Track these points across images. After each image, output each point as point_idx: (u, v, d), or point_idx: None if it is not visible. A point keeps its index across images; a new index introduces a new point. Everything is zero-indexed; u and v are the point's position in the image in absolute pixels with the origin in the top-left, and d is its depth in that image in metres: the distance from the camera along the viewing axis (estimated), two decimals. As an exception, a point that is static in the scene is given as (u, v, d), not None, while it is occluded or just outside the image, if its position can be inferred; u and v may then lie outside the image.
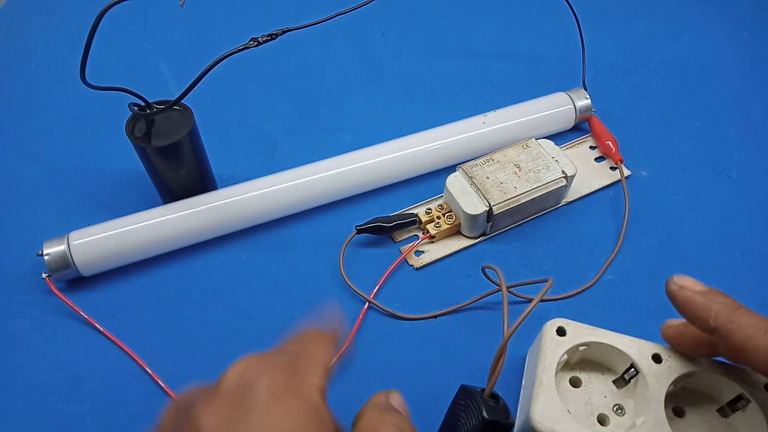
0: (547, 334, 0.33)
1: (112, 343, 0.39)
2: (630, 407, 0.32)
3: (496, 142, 0.49)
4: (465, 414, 0.29)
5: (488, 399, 0.28)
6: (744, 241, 0.45)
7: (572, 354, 0.33)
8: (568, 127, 0.53)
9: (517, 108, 0.50)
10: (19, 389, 0.38)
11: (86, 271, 0.41)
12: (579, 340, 0.32)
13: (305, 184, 0.45)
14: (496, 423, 0.27)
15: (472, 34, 0.62)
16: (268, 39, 0.36)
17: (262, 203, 0.44)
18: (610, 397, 0.33)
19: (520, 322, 0.28)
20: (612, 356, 0.33)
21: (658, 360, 0.31)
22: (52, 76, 0.57)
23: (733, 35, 0.63)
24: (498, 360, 0.28)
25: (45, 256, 0.40)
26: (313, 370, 0.23)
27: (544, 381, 0.31)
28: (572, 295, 0.42)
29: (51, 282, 0.40)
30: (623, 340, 0.32)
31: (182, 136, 0.40)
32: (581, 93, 0.52)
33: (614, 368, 0.33)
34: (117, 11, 0.32)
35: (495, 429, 0.27)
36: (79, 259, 0.40)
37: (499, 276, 0.30)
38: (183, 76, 0.56)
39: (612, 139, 0.50)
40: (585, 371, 0.34)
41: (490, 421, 0.27)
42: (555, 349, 0.32)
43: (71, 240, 0.41)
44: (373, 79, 0.58)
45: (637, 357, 0.31)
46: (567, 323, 0.33)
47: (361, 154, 0.47)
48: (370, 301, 0.41)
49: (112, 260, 0.42)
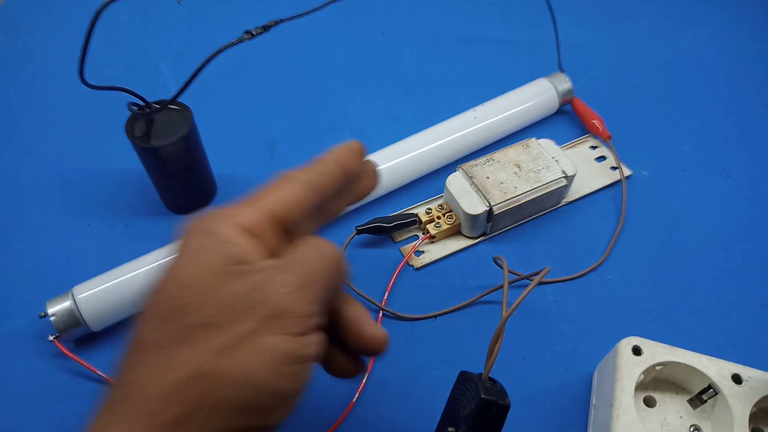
0: (622, 353, 0.32)
1: None
2: (708, 428, 0.32)
3: (488, 136, 0.50)
4: (464, 397, 0.29)
5: (486, 381, 0.28)
6: (744, 241, 0.45)
7: (648, 373, 0.32)
8: (553, 111, 0.53)
9: (504, 99, 0.51)
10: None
11: (96, 326, 0.38)
12: (656, 359, 0.32)
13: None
14: (492, 403, 0.27)
15: (467, 28, 0.63)
16: (262, 31, 0.36)
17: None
18: (686, 417, 0.32)
19: (517, 305, 0.28)
20: (688, 375, 0.32)
21: (738, 381, 0.31)
22: (52, 76, 0.57)
23: (734, 35, 0.63)
24: (495, 343, 0.28)
25: (51, 317, 0.37)
26: (238, 210, 0.24)
27: (624, 403, 0.30)
28: (575, 277, 0.42)
29: (60, 344, 0.37)
30: (701, 359, 0.32)
31: (182, 135, 0.40)
32: (561, 77, 0.52)
33: (689, 388, 0.33)
34: (117, 11, 0.32)
35: (491, 409, 0.28)
36: (88, 314, 0.37)
37: (503, 262, 0.31)
38: (182, 75, 0.55)
39: (597, 118, 0.51)
40: (659, 391, 0.33)
41: (485, 400, 0.27)
42: (632, 370, 0.31)
43: (76, 294, 0.38)
44: (373, 79, 0.58)
45: (716, 377, 0.31)
46: (642, 342, 0.32)
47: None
48: (368, 299, 0.41)
49: (123, 309, 0.39)
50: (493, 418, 0.28)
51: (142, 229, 0.45)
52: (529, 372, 0.38)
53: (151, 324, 0.22)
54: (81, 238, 0.45)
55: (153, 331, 0.22)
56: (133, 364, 0.22)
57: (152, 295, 0.23)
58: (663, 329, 0.40)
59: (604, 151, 0.51)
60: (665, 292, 0.42)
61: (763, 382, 0.30)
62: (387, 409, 0.37)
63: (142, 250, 0.40)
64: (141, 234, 0.45)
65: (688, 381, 0.33)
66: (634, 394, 0.31)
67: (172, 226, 0.46)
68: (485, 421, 0.28)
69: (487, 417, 0.28)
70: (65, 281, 0.41)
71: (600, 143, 0.51)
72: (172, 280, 0.22)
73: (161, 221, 0.46)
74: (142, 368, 0.21)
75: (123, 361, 0.22)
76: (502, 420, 0.28)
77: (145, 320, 0.22)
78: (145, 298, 0.23)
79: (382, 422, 0.36)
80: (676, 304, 0.42)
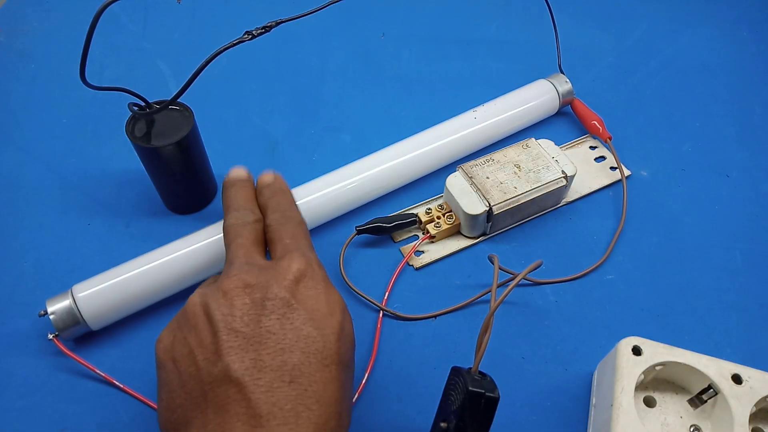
0: (622, 353, 0.32)
1: (139, 402, 0.37)
2: (708, 428, 0.32)
3: (489, 137, 0.50)
4: (454, 391, 0.29)
5: (474, 374, 0.28)
6: (744, 241, 0.45)
7: (648, 373, 0.32)
8: (553, 113, 0.53)
9: (505, 100, 0.51)
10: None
11: (96, 325, 0.38)
12: (656, 359, 0.32)
13: (308, 203, 0.43)
14: (480, 395, 0.28)
15: (467, 28, 0.63)
16: (262, 31, 0.36)
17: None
18: (686, 417, 0.32)
19: (505, 296, 0.29)
20: (688, 375, 0.32)
21: (738, 381, 0.31)
22: (52, 76, 0.57)
23: (733, 35, 0.63)
24: (483, 335, 0.28)
25: (50, 316, 0.37)
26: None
27: (624, 402, 0.30)
28: (575, 277, 0.42)
29: (60, 343, 0.37)
30: (701, 359, 0.32)
31: (182, 136, 0.40)
32: (561, 78, 0.53)
33: (689, 387, 0.33)
34: (117, 11, 0.32)
35: (479, 401, 0.28)
36: (87, 313, 0.37)
37: (494, 259, 0.32)
38: (183, 75, 0.56)
39: (597, 119, 0.51)
40: (659, 390, 0.33)
41: (473, 392, 0.27)
42: (632, 369, 0.31)
43: (76, 293, 0.38)
44: (373, 79, 0.58)
45: (716, 377, 0.31)
46: (642, 342, 0.32)
47: (359, 165, 0.46)
48: (368, 299, 0.41)
49: (123, 308, 0.39)
50: (482, 410, 0.28)
51: (142, 229, 0.46)
52: (529, 372, 0.38)
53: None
54: (81, 238, 0.45)
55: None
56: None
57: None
58: (663, 329, 0.40)
59: (604, 151, 0.51)
60: (665, 291, 0.42)
61: (763, 382, 0.30)
62: (387, 409, 0.37)
63: (142, 250, 0.40)
64: (141, 234, 0.45)
65: (688, 381, 0.33)
66: (634, 394, 0.31)
67: (172, 226, 0.46)
68: (474, 414, 0.28)
69: (476, 409, 0.28)
70: (66, 281, 0.41)
71: (599, 143, 0.51)
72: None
73: (162, 221, 0.46)
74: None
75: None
76: (492, 412, 0.28)
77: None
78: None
79: (382, 422, 0.36)
80: (676, 304, 0.42)
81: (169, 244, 0.41)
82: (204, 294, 0.30)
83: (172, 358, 0.29)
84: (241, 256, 0.32)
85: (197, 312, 0.29)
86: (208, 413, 0.27)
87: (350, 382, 0.30)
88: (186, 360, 0.28)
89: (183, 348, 0.29)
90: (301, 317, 0.29)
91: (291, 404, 0.26)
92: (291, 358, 0.27)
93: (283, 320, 0.28)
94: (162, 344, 0.30)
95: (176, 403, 0.28)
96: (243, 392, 0.26)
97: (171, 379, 0.29)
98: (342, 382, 0.28)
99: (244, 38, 0.36)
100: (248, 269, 0.31)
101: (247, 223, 0.35)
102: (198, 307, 0.30)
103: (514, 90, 0.52)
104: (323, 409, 0.27)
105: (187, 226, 0.44)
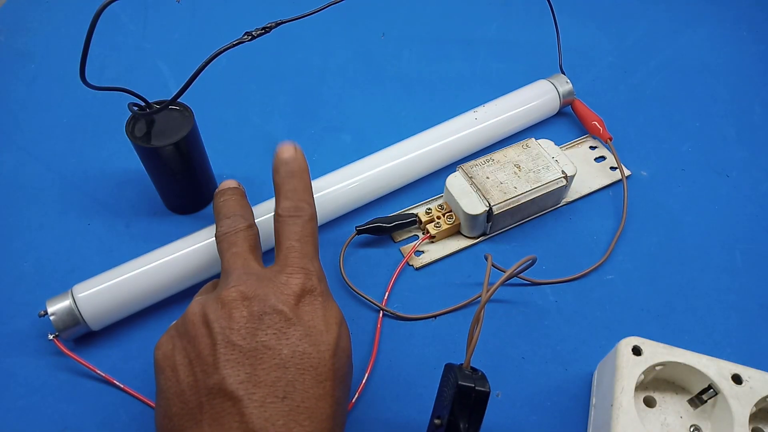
0: (622, 353, 0.32)
1: (139, 402, 0.37)
2: (708, 428, 0.32)
3: (489, 137, 0.50)
4: (447, 387, 0.29)
5: (465, 369, 0.29)
6: (744, 241, 0.45)
7: (647, 373, 0.32)
8: (553, 113, 0.53)
9: (505, 100, 0.51)
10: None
11: (96, 325, 0.38)
12: (656, 359, 0.32)
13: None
14: (470, 389, 0.28)
15: (467, 28, 0.63)
16: (262, 32, 0.36)
17: (268, 225, 0.40)
18: (686, 417, 0.32)
19: (495, 288, 0.29)
20: (688, 375, 0.32)
21: (738, 381, 0.31)
22: (52, 76, 0.57)
23: (733, 35, 0.63)
24: (474, 329, 0.28)
25: (50, 316, 0.37)
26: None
27: (624, 403, 0.30)
28: (575, 277, 0.42)
29: (60, 343, 0.37)
30: (701, 359, 0.32)
31: (182, 136, 0.40)
32: (562, 78, 0.53)
33: (689, 388, 0.33)
34: (117, 11, 0.32)
35: (469, 395, 0.28)
36: (87, 313, 0.37)
37: (488, 257, 0.32)
38: (183, 76, 0.55)
39: (598, 119, 0.51)
40: (659, 391, 0.33)
41: (462, 386, 0.28)
42: (632, 369, 0.31)
43: (76, 293, 0.38)
44: (374, 79, 0.58)
45: (716, 377, 0.31)
46: (642, 342, 0.32)
47: (359, 165, 0.46)
48: (368, 299, 0.41)
49: (123, 309, 0.39)
50: (473, 404, 0.28)
51: (142, 229, 0.46)
52: (529, 372, 0.38)
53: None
54: (82, 238, 0.45)
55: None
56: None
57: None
58: (663, 329, 0.40)
59: (604, 151, 0.51)
60: (665, 291, 0.42)
61: (763, 382, 0.30)
62: (387, 409, 0.37)
63: (142, 250, 0.40)
64: (142, 234, 0.45)
65: (688, 381, 0.33)
66: (634, 394, 0.31)
67: (172, 226, 0.46)
68: (465, 408, 0.28)
69: (466, 404, 0.28)
70: (66, 281, 0.41)
71: (599, 143, 0.51)
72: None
73: (162, 221, 0.46)
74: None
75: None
76: (483, 407, 0.28)
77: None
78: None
79: (382, 422, 0.36)
80: (676, 304, 0.42)
81: (169, 244, 0.41)
82: (204, 304, 0.30)
83: (171, 365, 0.29)
84: (239, 267, 0.32)
85: (197, 322, 0.30)
86: (203, 425, 0.27)
87: (345, 396, 0.31)
88: (185, 370, 0.29)
89: (182, 357, 0.29)
90: (298, 333, 0.29)
91: (283, 420, 0.27)
92: (286, 374, 0.28)
93: (279, 335, 0.29)
94: (161, 351, 0.30)
95: (172, 411, 0.28)
96: (237, 406, 0.27)
97: (169, 386, 0.29)
98: (336, 398, 0.29)
99: (243, 39, 0.36)
100: (246, 279, 0.31)
101: (239, 230, 0.35)
102: (198, 317, 0.30)
103: (515, 90, 0.52)
104: (315, 425, 0.27)
105: (187, 226, 0.44)
